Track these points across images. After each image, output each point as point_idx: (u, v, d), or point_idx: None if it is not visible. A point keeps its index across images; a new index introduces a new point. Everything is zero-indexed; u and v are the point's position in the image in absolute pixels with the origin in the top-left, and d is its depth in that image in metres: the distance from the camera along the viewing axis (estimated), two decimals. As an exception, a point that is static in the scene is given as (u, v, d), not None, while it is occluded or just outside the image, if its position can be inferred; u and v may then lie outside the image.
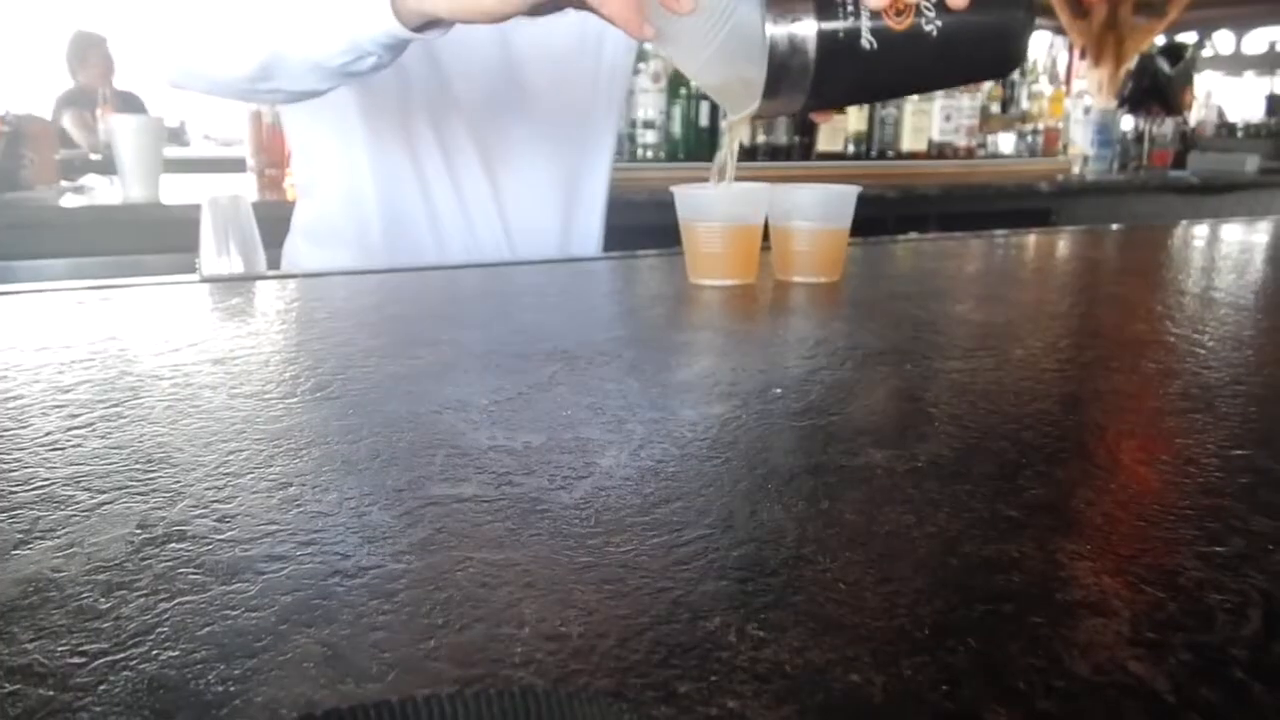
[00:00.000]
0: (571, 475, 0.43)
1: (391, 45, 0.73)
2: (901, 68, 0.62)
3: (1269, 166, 3.56)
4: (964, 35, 0.61)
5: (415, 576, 0.34)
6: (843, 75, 0.59)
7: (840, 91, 0.62)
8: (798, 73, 0.58)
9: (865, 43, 0.58)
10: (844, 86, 0.61)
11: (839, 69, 0.59)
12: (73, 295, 0.83)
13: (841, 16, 0.58)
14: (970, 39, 0.62)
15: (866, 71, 0.60)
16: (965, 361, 0.63)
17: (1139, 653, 0.29)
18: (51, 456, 0.45)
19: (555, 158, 1.11)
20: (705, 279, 0.88)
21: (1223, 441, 0.48)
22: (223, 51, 0.79)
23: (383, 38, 0.71)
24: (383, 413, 0.51)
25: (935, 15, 0.59)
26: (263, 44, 0.76)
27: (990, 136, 3.35)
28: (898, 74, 0.64)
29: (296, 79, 0.79)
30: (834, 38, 0.58)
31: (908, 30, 0.59)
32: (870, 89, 0.68)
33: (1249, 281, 0.98)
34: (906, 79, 0.69)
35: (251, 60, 0.77)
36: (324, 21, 0.73)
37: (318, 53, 0.75)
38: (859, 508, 0.40)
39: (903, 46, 0.59)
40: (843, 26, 0.58)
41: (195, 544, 0.36)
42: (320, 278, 0.95)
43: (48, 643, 0.29)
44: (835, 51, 0.58)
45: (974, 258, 1.16)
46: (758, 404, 0.54)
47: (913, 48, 0.60)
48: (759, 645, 0.29)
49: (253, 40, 0.77)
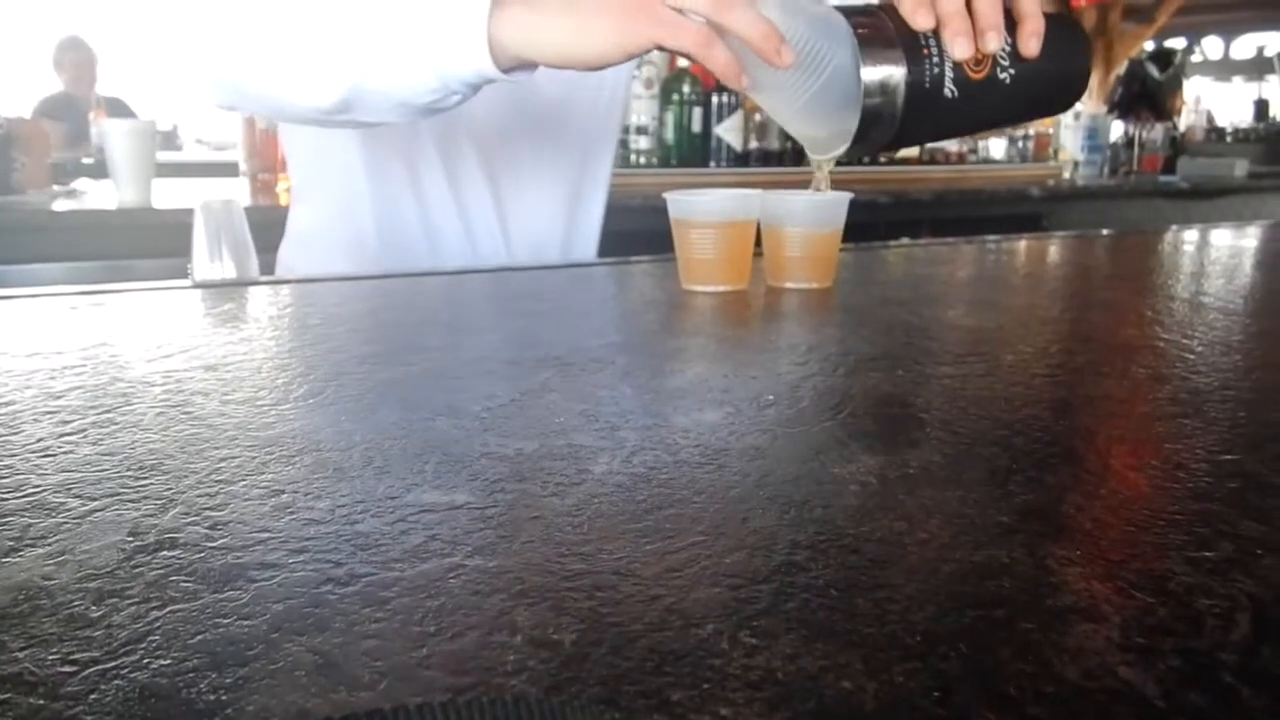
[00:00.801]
0: (564, 482, 0.43)
1: (478, 85, 0.71)
2: (977, 111, 0.66)
3: (1258, 171, 3.58)
4: (1035, 80, 0.65)
5: (407, 584, 0.34)
6: (925, 120, 0.64)
7: (921, 133, 0.68)
8: (887, 119, 0.62)
9: (948, 91, 0.62)
10: (924, 129, 0.67)
11: (922, 115, 0.63)
12: (65, 300, 0.83)
13: (928, 68, 0.62)
14: (1040, 84, 0.66)
15: (946, 115, 0.64)
16: (957, 367, 0.63)
17: (1129, 658, 0.30)
18: (43, 463, 0.45)
19: (559, 172, 1.11)
20: (698, 285, 0.88)
21: (1212, 446, 0.49)
22: (300, 82, 0.74)
23: (473, 78, 0.69)
24: (375, 419, 0.51)
25: (1010, 64, 0.64)
26: (347, 77, 0.72)
27: (982, 142, 3.36)
28: (973, 116, 0.68)
29: (378, 113, 0.76)
30: (921, 86, 0.62)
31: (985, 78, 0.63)
32: (946, 131, 0.74)
33: (1238, 286, 0.99)
34: (980, 120, 0.74)
35: (333, 93, 0.73)
36: (413, 57, 0.69)
37: (404, 90, 0.71)
38: (851, 514, 0.40)
39: (980, 93, 0.63)
40: (929, 77, 0.62)
41: (187, 551, 0.36)
42: (313, 283, 0.95)
43: (38, 651, 0.29)
44: (921, 98, 0.62)
45: (965, 263, 1.16)
46: (750, 410, 0.54)
47: (989, 94, 0.64)
48: (751, 652, 0.30)
49: (335, 73, 0.72)
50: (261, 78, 0.77)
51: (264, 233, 1.05)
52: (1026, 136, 3.47)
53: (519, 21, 0.66)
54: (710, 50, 0.63)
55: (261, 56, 0.76)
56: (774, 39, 0.62)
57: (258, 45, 0.76)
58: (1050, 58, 0.64)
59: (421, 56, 0.69)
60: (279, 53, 0.75)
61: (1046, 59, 0.64)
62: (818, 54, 0.64)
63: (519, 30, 0.66)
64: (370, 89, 0.72)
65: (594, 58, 0.65)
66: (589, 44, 0.65)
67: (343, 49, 0.72)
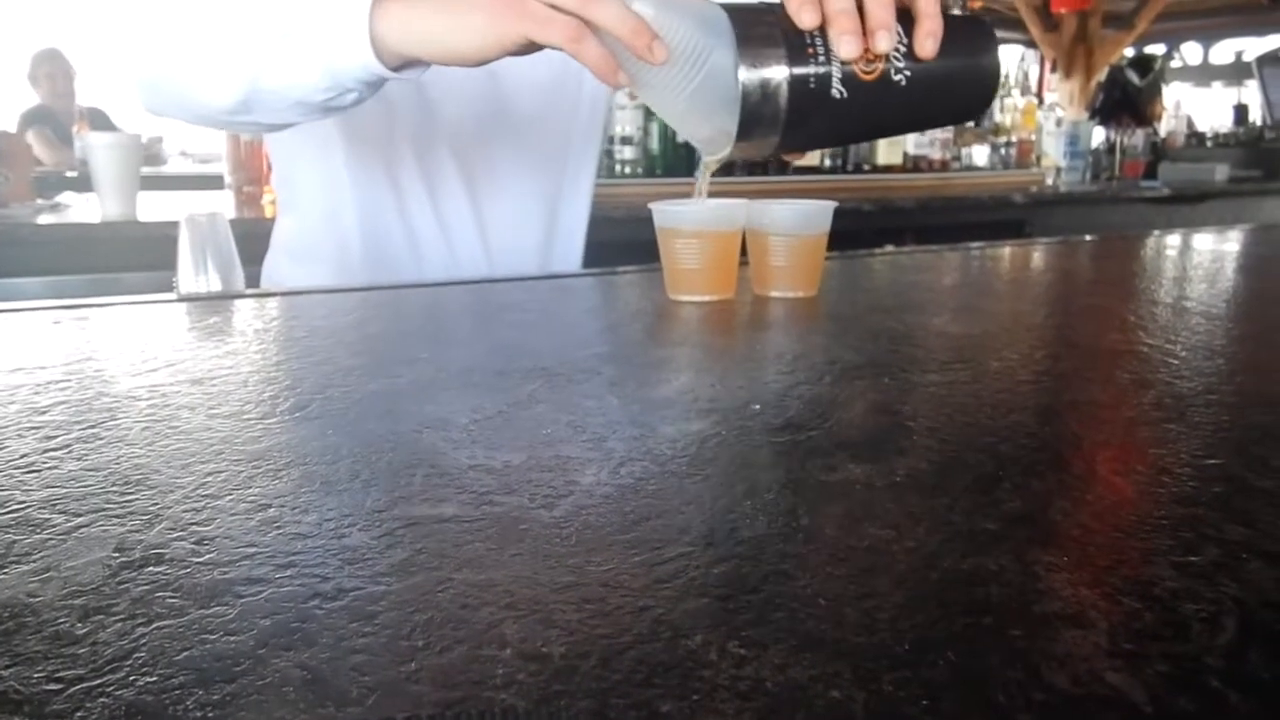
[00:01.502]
0: (552, 494, 0.43)
1: (371, 82, 0.73)
2: (871, 114, 0.63)
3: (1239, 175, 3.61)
4: (933, 83, 0.63)
5: (395, 598, 0.33)
6: (813, 121, 0.61)
7: (811, 136, 0.65)
8: (769, 119, 0.60)
9: (836, 91, 0.60)
10: (815, 132, 0.63)
11: (810, 116, 0.60)
12: (48, 315, 0.82)
13: (813, 66, 0.59)
14: (939, 87, 0.64)
15: (837, 118, 0.62)
16: (942, 374, 0.64)
17: (1116, 664, 0.30)
18: (27, 479, 0.44)
19: (538, 183, 1.12)
20: (684, 295, 0.88)
21: (1196, 451, 0.49)
22: (203, 84, 0.78)
23: (362, 74, 0.71)
24: (362, 432, 0.51)
25: (905, 64, 0.61)
26: (243, 77, 0.75)
27: (964, 149, 3.38)
28: (867, 120, 0.65)
29: (277, 112, 0.78)
30: (805, 86, 0.59)
31: (878, 79, 0.61)
32: (840, 134, 0.71)
33: (1220, 291, 1.00)
34: (876, 125, 0.71)
35: (231, 93, 0.76)
36: (304, 56, 0.72)
37: (298, 88, 0.74)
38: (838, 523, 0.40)
39: (873, 94, 0.61)
40: (814, 75, 0.59)
41: (173, 567, 0.36)
42: (299, 296, 0.95)
43: (23, 669, 0.29)
44: (806, 99, 0.60)
45: (950, 270, 1.17)
46: (737, 420, 0.54)
47: (882, 95, 0.61)
48: (740, 663, 0.30)
49: (233, 74, 0.75)
50: (172, 80, 0.81)
51: (249, 245, 1.04)
52: (1009, 143, 3.49)
53: (398, 17, 0.68)
54: (581, 45, 0.63)
55: (171, 59, 0.80)
56: (644, 34, 0.61)
57: (168, 49, 0.80)
58: (951, 59, 0.62)
59: (310, 55, 0.72)
60: (185, 55, 0.79)
61: (947, 60, 0.62)
62: (695, 50, 0.62)
63: (399, 26, 0.68)
64: (266, 88, 0.75)
65: (470, 52, 0.67)
66: (464, 39, 0.66)
67: (238, 50, 0.75)
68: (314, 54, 0.71)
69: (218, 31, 0.76)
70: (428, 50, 0.68)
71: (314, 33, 0.71)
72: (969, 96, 0.68)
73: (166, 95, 0.82)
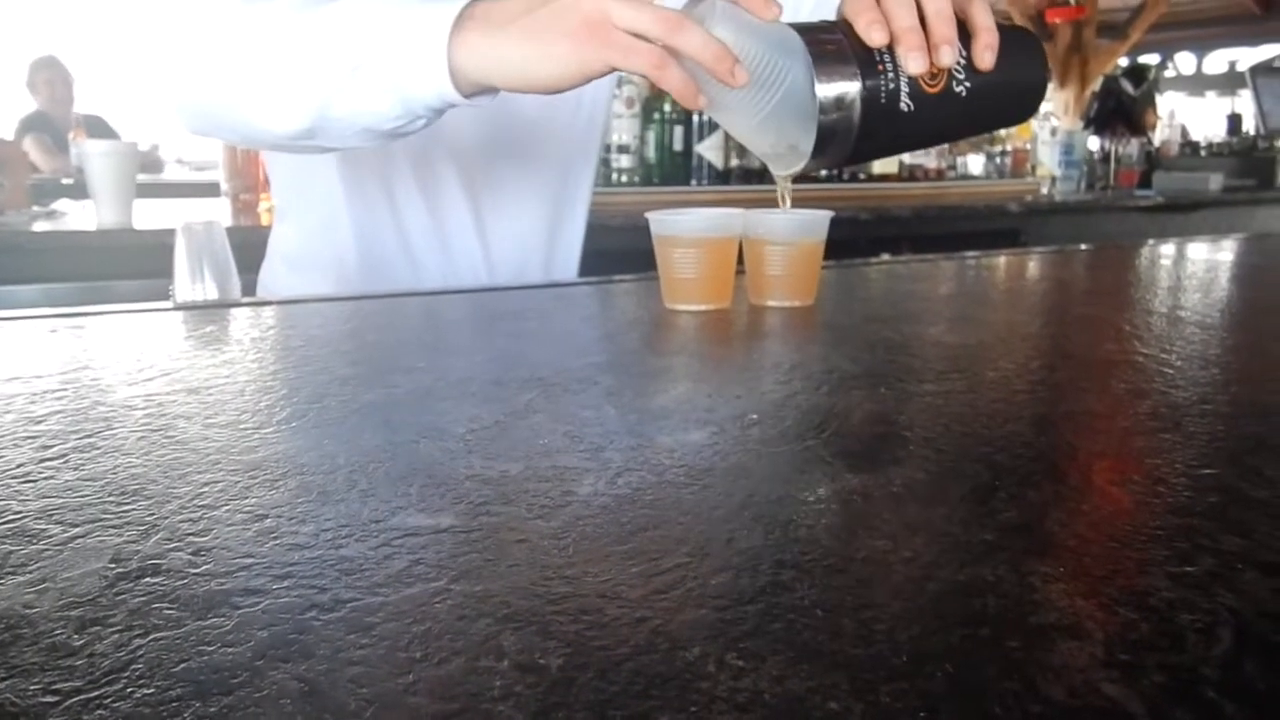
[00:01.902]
0: (549, 504, 0.43)
1: (441, 110, 0.72)
2: (934, 125, 0.67)
3: (1233, 185, 3.62)
4: (990, 94, 0.66)
5: (393, 609, 0.33)
6: (882, 133, 0.64)
7: (878, 147, 0.69)
8: (843, 134, 0.63)
9: (904, 105, 0.63)
10: (882, 143, 0.67)
11: (880, 128, 0.63)
12: (44, 323, 0.82)
13: (884, 83, 0.62)
14: (996, 96, 0.67)
15: (903, 129, 0.65)
16: (939, 384, 0.64)
17: (1113, 675, 0.30)
18: (23, 489, 0.44)
19: (539, 191, 1.12)
20: (680, 304, 0.88)
21: (1191, 461, 0.49)
22: (265, 111, 0.75)
23: (436, 102, 0.70)
24: (359, 442, 0.51)
25: (965, 77, 0.64)
26: (310, 105, 0.73)
27: (960, 158, 3.39)
28: (930, 130, 0.70)
29: (343, 138, 0.76)
30: (876, 101, 0.62)
31: (941, 91, 0.64)
32: (905, 144, 0.75)
33: (1214, 300, 1.00)
34: (937, 133, 0.75)
35: (298, 120, 0.74)
36: (376, 84, 0.70)
37: (368, 116, 0.72)
38: (835, 533, 0.40)
39: (937, 106, 0.64)
40: (885, 90, 0.62)
41: (170, 578, 0.36)
42: (296, 304, 0.95)
43: (19, 681, 0.29)
44: (877, 115, 0.62)
45: (945, 279, 1.17)
46: (734, 430, 0.54)
47: (945, 107, 0.64)
48: (738, 675, 0.30)
49: (300, 101, 0.73)
50: (228, 105, 0.78)
51: (246, 253, 1.04)
52: (1004, 153, 3.50)
53: (478, 47, 0.67)
54: (664, 72, 0.64)
55: (228, 84, 0.77)
56: (726, 59, 0.62)
57: (224, 73, 0.77)
58: (1006, 70, 0.65)
59: (384, 83, 0.70)
60: (244, 80, 0.76)
61: (1002, 71, 0.65)
62: (772, 71, 0.64)
63: (478, 55, 0.67)
64: (335, 116, 0.73)
65: (552, 81, 0.67)
66: (547, 68, 0.66)
67: (307, 76, 0.73)
68: (388, 83, 0.70)
69: (282, 58, 0.74)
70: (508, 79, 0.67)
71: (389, 61, 0.69)
72: (1021, 103, 0.71)
73: (218, 119, 0.80)
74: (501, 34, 0.67)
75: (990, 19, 0.65)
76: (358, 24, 0.71)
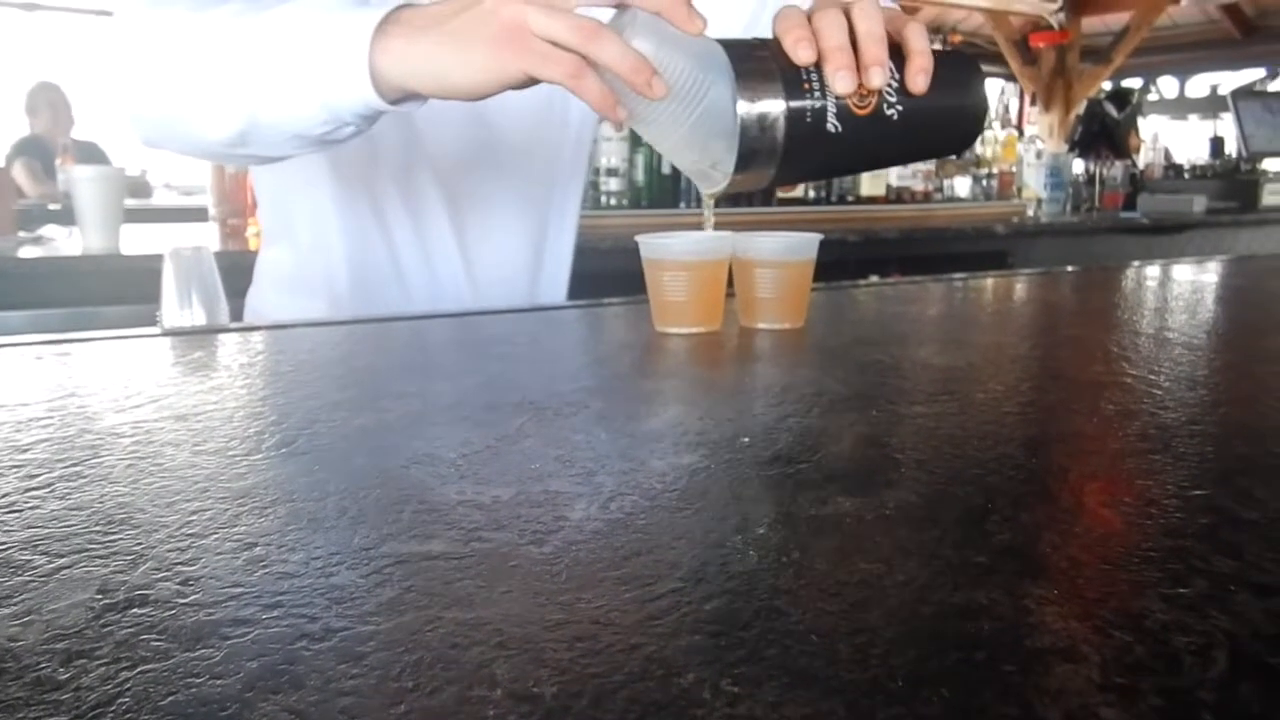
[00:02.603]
0: (541, 530, 0.43)
1: (369, 116, 0.73)
2: (864, 148, 0.65)
3: (1216, 207, 3.66)
4: (924, 119, 0.65)
5: (384, 638, 0.33)
6: (809, 155, 0.63)
7: (806, 169, 0.67)
8: (766, 152, 0.61)
9: (831, 125, 0.62)
10: (809, 164, 0.65)
11: (805, 149, 0.62)
12: (30, 350, 0.82)
13: (809, 100, 0.61)
14: (929, 122, 0.66)
15: (831, 151, 0.63)
16: (929, 406, 0.64)
17: (1110, 698, 0.30)
18: (8, 519, 0.44)
19: (524, 214, 1.12)
20: (671, 327, 0.88)
21: (1182, 482, 0.49)
22: (200, 117, 0.77)
23: (360, 108, 0.71)
24: (349, 468, 0.51)
25: (897, 100, 0.63)
26: (240, 111, 0.75)
27: (947, 181, 3.42)
28: (860, 153, 0.67)
29: (274, 145, 0.78)
30: (801, 120, 0.61)
31: (871, 113, 0.62)
32: (834, 167, 0.73)
33: (1201, 321, 1.01)
34: (868, 158, 0.73)
35: (229, 127, 0.76)
36: (302, 90, 0.72)
37: (295, 122, 0.74)
38: (829, 557, 0.40)
39: (865, 129, 0.63)
40: (810, 110, 0.61)
41: (158, 609, 0.35)
42: (284, 329, 0.94)
43: (4, 717, 0.29)
44: (802, 134, 0.61)
45: (934, 301, 1.18)
46: (726, 453, 0.54)
47: (875, 130, 0.63)
48: (734, 701, 0.29)
49: (230, 107, 0.75)
50: (171, 114, 0.80)
51: (234, 278, 1.04)
52: (990, 175, 3.53)
53: (399, 52, 0.68)
54: (581, 81, 0.64)
55: (170, 92, 0.79)
56: (644, 70, 0.62)
57: (167, 81, 0.78)
58: (940, 95, 0.64)
59: (308, 89, 0.71)
60: (183, 88, 0.78)
61: (936, 96, 0.64)
62: (694, 86, 0.63)
63: (399, 60, 0.68)
64: (264, 122, 0.75)
65: (470, 87, 0.67)
66: (464, 74, 0.66)
67: (236, 83, 0.74)
68: (312, 88, 0.71)
69: (215, 65, 0.76)
70: (426, 84, 0.68)
71: (312, 67, 0.70)
72: (958, 130, 0.70)
73: (163, 128, 0.82)
74: (422, 38, 0.67)
75: (925, 43, 0.65)
76: (285, 30, 0.72)
